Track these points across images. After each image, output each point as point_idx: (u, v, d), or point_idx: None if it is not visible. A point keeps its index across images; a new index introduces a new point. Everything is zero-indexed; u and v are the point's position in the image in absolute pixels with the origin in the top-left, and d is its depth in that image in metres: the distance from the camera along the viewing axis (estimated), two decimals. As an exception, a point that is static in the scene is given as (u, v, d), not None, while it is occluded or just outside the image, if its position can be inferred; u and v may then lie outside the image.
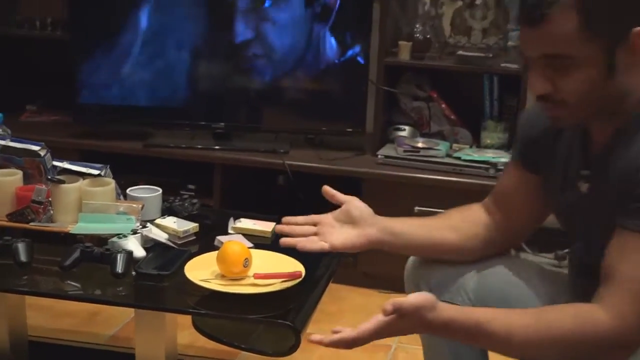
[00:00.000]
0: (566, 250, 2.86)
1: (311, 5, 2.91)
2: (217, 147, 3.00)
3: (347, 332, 1.28)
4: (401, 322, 1.27)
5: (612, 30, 1.22)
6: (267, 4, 2.94)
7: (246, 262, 1.67)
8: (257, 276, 1.68)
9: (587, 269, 1.41)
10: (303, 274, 1.68)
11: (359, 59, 2.93)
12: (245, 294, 1.64)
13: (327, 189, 1.62)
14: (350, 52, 2.93)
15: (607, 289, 1.23)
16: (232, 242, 1.75)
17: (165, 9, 2.98)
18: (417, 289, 1.55)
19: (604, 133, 1.34)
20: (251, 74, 3.04)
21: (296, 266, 1.72)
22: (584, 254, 1.44)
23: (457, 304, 1.40)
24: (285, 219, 1.64)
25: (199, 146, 3.00)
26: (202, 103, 3.07)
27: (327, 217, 1.58)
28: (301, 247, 1.52)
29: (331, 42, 2.94)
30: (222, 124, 3.05)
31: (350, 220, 1.57)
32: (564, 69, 1.24)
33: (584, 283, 1.41)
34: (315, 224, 1.58)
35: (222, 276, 1.68)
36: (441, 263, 1.58)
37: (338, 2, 2.90)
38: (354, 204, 1.59)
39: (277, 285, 1.65)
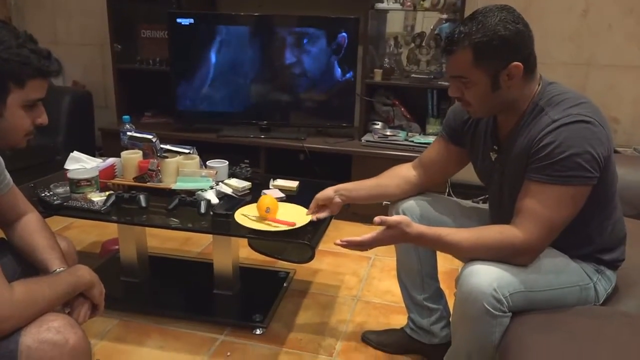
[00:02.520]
0: (482, 197, 2.84)
1: (327, 50, 2.85)
2: (262, 137, 2.94)
3: (355, 238, 1.33)
4: (388, 233, 1.28)
5: (493, 64, 1.21)
6: (305, 41, 2.88)
7: (267, 210, 1.64)
8: (270, 219, 1.63)
9: (499, 206, 1.41)
10: (296, 225, 1.61)
11: (350, 80, 2.86)
12: (264, 230, 1.61)
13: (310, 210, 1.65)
14: (345, 76, 2.87)
15: (520, 217, 1.21)
16: (265, 196, 1.70)
17: (230, 49, 2.92)
18: (395, 214, 1.54)
19: (508, 123, 1.33)
20: (283, 91, 2.98)
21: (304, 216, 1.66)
22: (497, 198, 1.41)
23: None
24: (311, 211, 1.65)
25: (251, 136, 2.94)
26: (253, 109, 3.01)
27: (324, 201, 1.61)
28: (317, 217, 1.62)
29: (334, 70, 2.88)
30: (265, 122, 3.00)
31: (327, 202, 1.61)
32: (465, 84, 1.25)
33: (497, 215, 1.42)
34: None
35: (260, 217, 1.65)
36: (406, 199, 1.55)
37: (337, 46, 2.84)
38: (324, 194, 1.61)
39: (302, 221, 1.62)
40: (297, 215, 1.67)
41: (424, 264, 1.61)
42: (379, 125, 2.96)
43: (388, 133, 2.84)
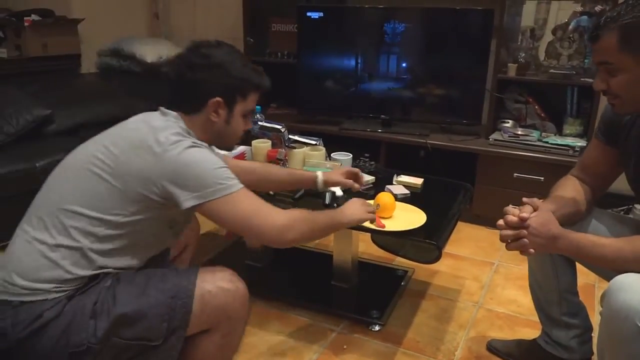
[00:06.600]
0: (623, 208, 2.56)
1: (456, 43, 2.74)
2: (381, 131, 2.89)
3: (514, 215, 1.18)
4: (540, 216, 1.19)
5: None
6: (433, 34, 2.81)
7: (377, 207, 1.61)
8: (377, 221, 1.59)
9: None
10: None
11: (480, 75, 2.70)
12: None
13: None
14: (474, 71, 2.71)
15: None
16: (382, 193, 1.67)
17: (355, 42, 2.92)
18: None
19: None
20: (406, 85, 2.90)
21: (420, 216, 1.62)
22: None
23: None
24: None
25: (371, 130, 2.91)
26: (374, 103, 2.97)
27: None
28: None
29: (462, 64, 2.74)
30: (386, 116, 2.95)
31: None
32: (611, 72, 1.14)
33: None
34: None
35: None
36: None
37: (468, 39, 2.70)
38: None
39: (403, 227, 1.56)
40: (410, 219, 1.60)
41: (561, 278, 1.46)
42: (509, 123, 2.77)
43: (519, 132, 2.64)
